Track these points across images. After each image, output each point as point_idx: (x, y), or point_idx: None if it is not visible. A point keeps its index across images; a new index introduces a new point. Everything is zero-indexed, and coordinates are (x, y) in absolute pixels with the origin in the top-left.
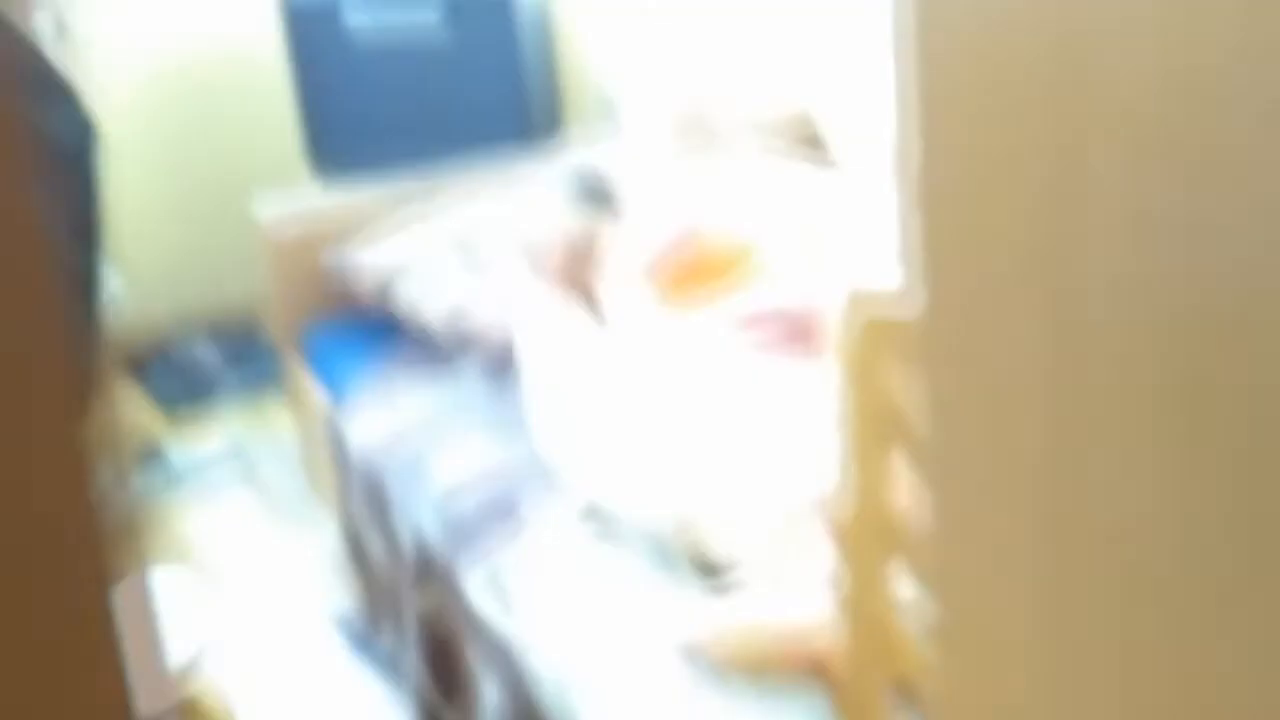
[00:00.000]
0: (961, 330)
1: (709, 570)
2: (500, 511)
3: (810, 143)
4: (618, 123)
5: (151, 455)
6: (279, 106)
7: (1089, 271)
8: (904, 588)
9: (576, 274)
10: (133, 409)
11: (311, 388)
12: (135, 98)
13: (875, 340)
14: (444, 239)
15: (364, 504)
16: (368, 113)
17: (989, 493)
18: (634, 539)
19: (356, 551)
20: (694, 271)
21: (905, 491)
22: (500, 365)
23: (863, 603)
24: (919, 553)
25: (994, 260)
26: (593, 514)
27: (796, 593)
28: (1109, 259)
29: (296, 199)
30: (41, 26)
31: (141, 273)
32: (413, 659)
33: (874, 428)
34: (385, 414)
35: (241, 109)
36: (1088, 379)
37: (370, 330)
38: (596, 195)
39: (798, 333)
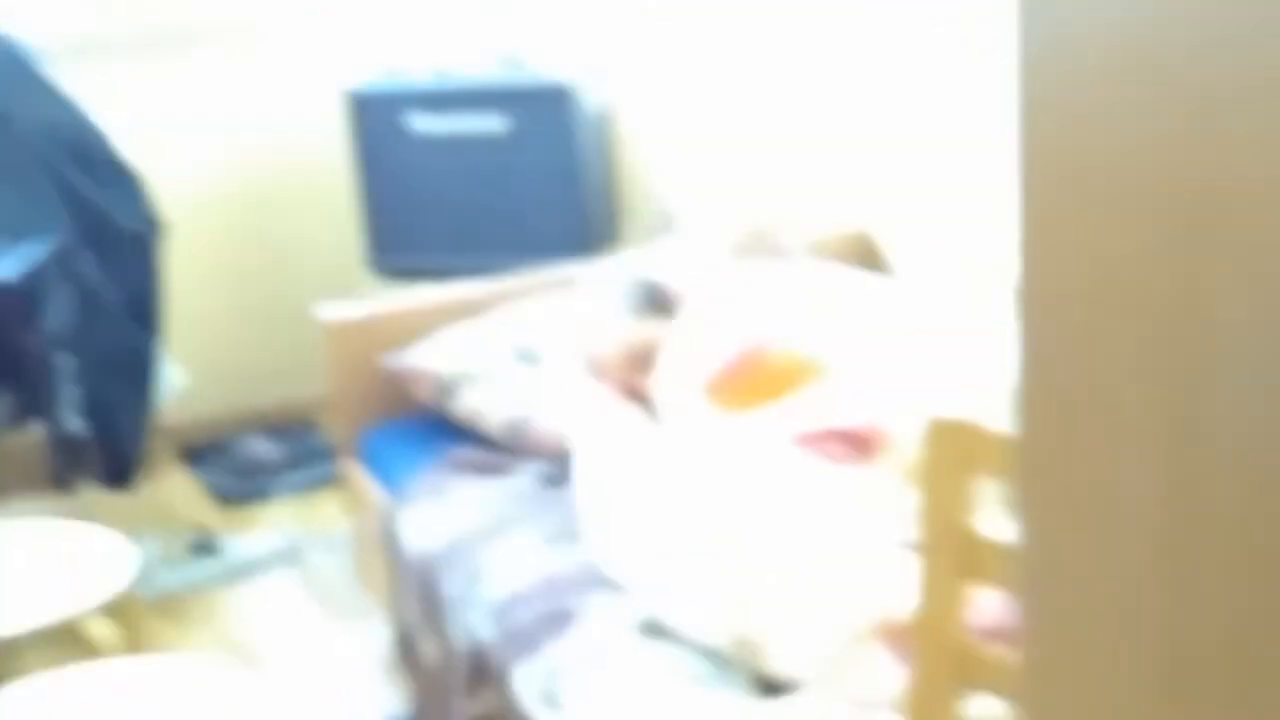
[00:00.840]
0: (1065, 450)
1: (767, 688)
2: (556, 620)
3: (868, 262)
4: (676, 234)
5: (205, 545)
6: (342, 210)
7: (1215, 404)
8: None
9: (635, 382)
10: (188, 498)
11: (367, 486)
12: (201, 196)
13: (959, 467)
14: (502, 344)
15: (418, 605)
16: (429, 217)
17: (1090, 619)
18: (690, 651)
19: (407, 651)
20: (756, 387)
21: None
22: (557, 473)
23: None
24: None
25: (1107, 383)
26: (649, 626)
27: (858, 712)
28: (1237, 394)
29: (357, 301)
30: (110, 121)
31: (202, 367)
32: None
33: (955, 555)
34: (442, 516)
35: (305, 212)
36: (1205, 509)
37: (427, 432)
38: (655, 304)
39: (859, 451)
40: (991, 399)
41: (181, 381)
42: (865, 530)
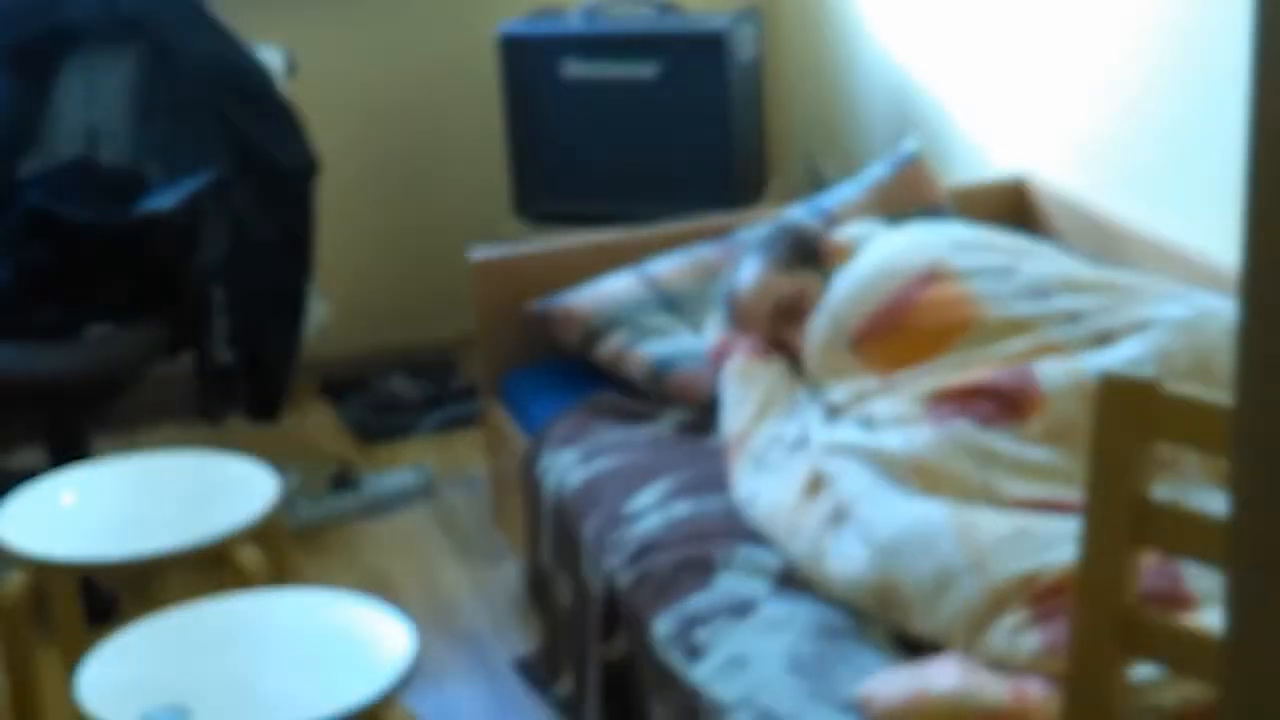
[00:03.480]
0: None
1: (907, 645)
2: (695, 568)
3: (1024, 214)
4: (825, 187)
5: (345, 480)
6: (492, 153)
7: None
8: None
9: (782, 335)
10: (330, 433)
11: (507, 427)
12: (355, 137)
13: (1133, 429)
14: (648, 291)
15: (553, 546)
16: (577, 163)
17: None
18: (830, 605)
19: (541, 592)
20: (903, 342)
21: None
22: (699, 421)
23: (1094, 695)
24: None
25: None
26: (789, 577)
27: (998, 673)
28: None
29: (504, 244)
30: (272, 62)
31: (348, 304)
32: (594, 708)
33: (1124, 520)
34: (581, 459)
35: (455, 154)
36: None
37: (569, 376)
38: (803, 256)
39: (1008, 409)
40: (1161, 360)
41: (327, 318)
42: (1009, 489)
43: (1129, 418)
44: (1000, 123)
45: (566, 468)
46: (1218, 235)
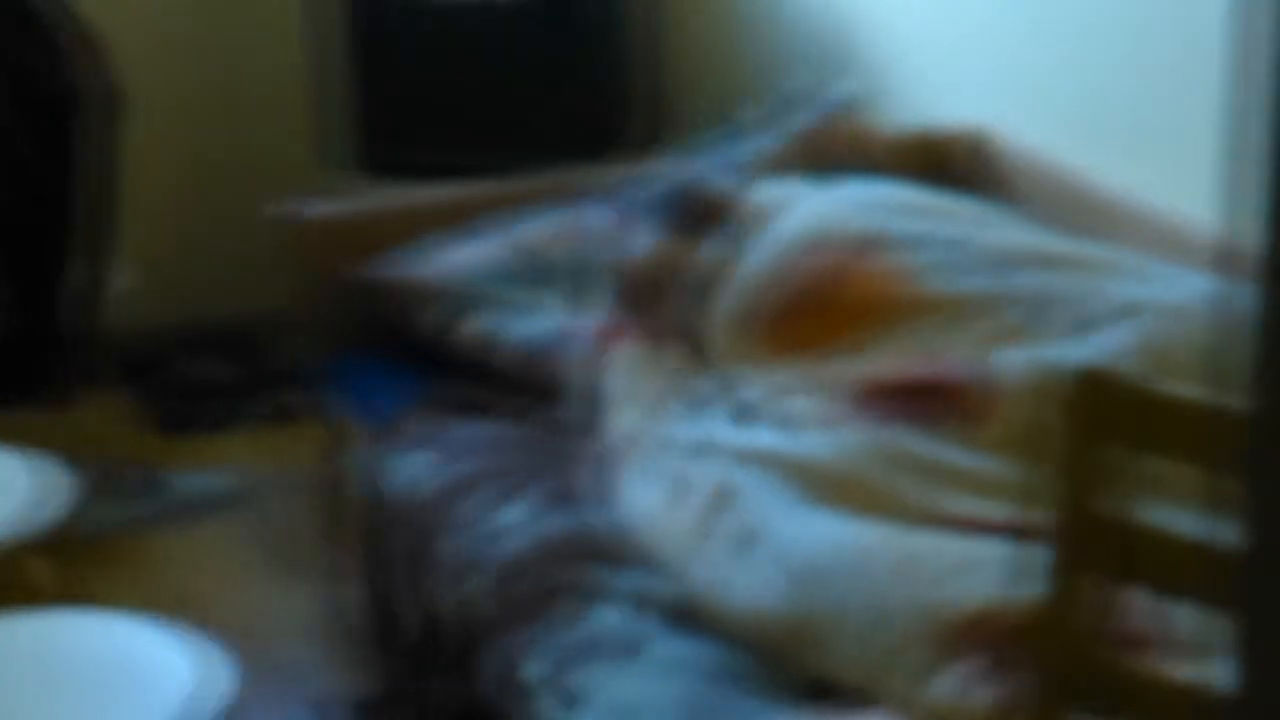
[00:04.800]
0: None
1: (817, 690)
2: (571, 596)
3: (980, 174)
4: (732, 136)
5: (145, 480)
6: (328, 90)
7: None
8: None
9: (681, 314)
10: (127, 424)
11: (342, 421)
12: (159, 68)
13: (1104, 433)
14: (517, 260)
15: (398, 566)
16: (430, 103)
17: None
18: (731, 644)
19: (381, 624)
20: (828, 323)
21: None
22: (581, 418)
23: None
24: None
25: None
26: (683, 609)
27: None
28: None
29: (339, 199)
30: None
31: (150, 268)
32: None
33: (1091, 544)
34: (436, 463)
35: (283, 92)
36: None
37: (419, 359)
38: (703, 218)
39: (957, 409)
40: (1149, 353)
41: (124, 284)
42: (957, 508)
43: (1108, 423)
44: (953, 63)
45: (416, 472)
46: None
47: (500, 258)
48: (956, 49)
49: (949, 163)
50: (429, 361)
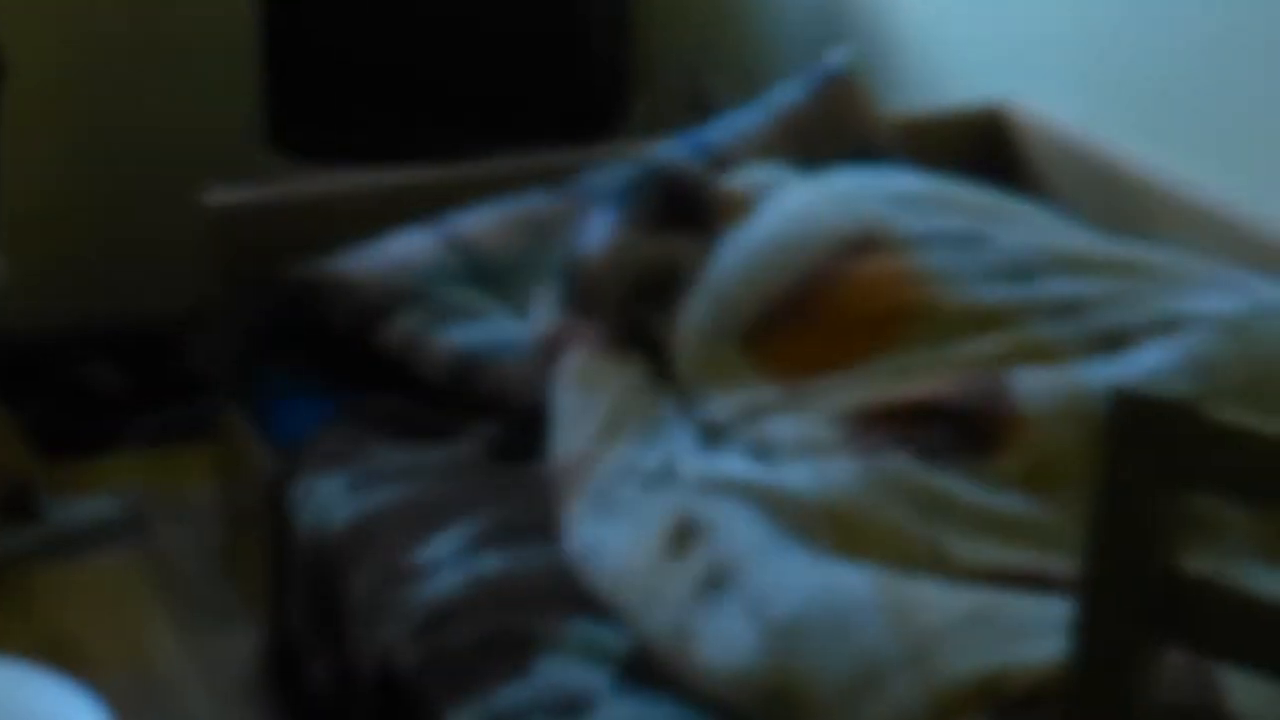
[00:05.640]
0: None
1: None
2: (507, 647)
3: (999, 158)
4: (713, 117)
5: (20, 506)
6: (239, 58)
7: None
8: None
9: (643, 321)
10: (1, 441)
11: (249, 439)
12: (40, 32)
13: (1157, 468)
14: (454, 257)
15: (307, 608)
16: (359, 72)
17: None
18: (696, 709)
19: (287, 673)
20: (822, 338)
21: None
22: (521, 440)
23: None
24: None
25: None
26: (642, 662)
27: None
28: None
29: (251, 186)
30: None
31: (35, 266)
32: None
33: (1142, 603)
34: (353, 491)
35: (185, 62)
36: None
37: (342, 370)
38: (679, 209)
39: (970, 437)
40: (1200, 373)
41: (1, 280)
42: (966, 553)
43: (1151, 455)
44: (967, 29)
45: (329, 500)
46: None
47: (434, 253)
48: (970, 10)
49: (962, 145)
50: (348, 372)
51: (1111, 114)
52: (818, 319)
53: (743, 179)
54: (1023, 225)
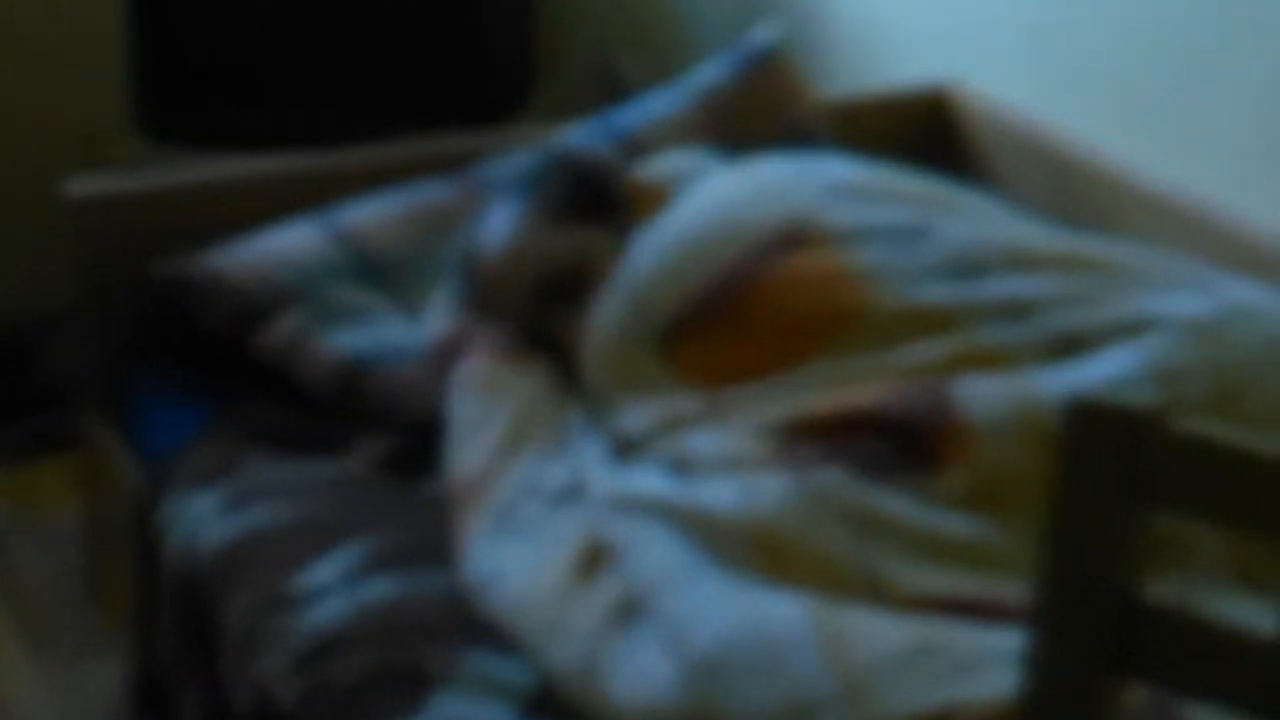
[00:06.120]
0: None
1: None
2: (400, 681)
3: (943, 144)
4: (626, 101)
5: None
6: (104, 34)
7: None
8: None
9: (549, 323)
10: None
11: (116, 455)
12: None
13: (1121, 485)
14: (340, 252)
15: (179, 639)
16: (236, 53)
17: None
18: None
19: (155, 707)
20: (748, 341)
21: None
22: (413, 454)
23: None
24: None
25: None
26: (548, 698)
27: None
28: None
29: (116, 175)
30: None
31: None
32: None
33: (1102, 633)
34: (228, 510)
35: (43, 36)
36: None
37: (218, 378)
38: (589, 200)
39: (911, 452)
40: (1165, 381)
41: None
42: (907, 579)
43: (1111, 470)
44: (908, 4)
45: (203, 518)
46: (1258, 184)
47: (319, 249)
48: None
49: (902, 130)
50: (225, 379)
51: (1065, 96)
52: (743, 321)
53: (660, 167)
54: (969, 218)
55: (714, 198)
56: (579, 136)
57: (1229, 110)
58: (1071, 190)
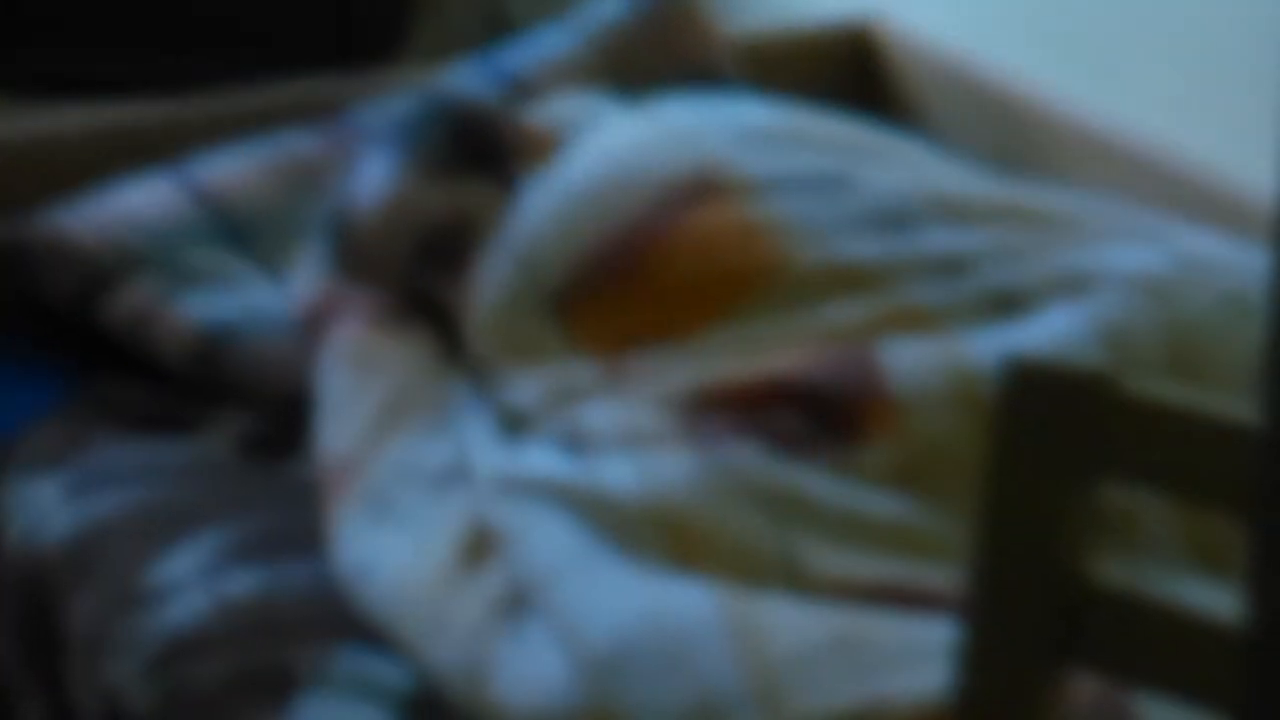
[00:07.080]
0: None
1: None
2: (265, 683)
3: (867, 84)
4: (513, 39)
5: None
6: None
7: None
8: None
9: (429, 286)
10: None
11: None
12: None
13: (1065, 455)
14: (196, 210)
15: (19, 640)
16: None
17: None
18: None
19: None
20: (650, 304)
21: None
22: (280, 431)
23: None
24: None
25: None
26: (428, 701)
27: None
28: None
29: None
30: None
31: None
32: None
33: (1044, 619)
34: (72, 498)
35: None
36: None
37: (61, 352)
38: (472, 151)
39: (831, 424)
40: (1112, 341)
41: None
42: (828, 564)
43: (1053, 439)
44: None
45: (44, 507)
46: (1216, 124)
47: (172, 206)
48: None
49: (821, 70)
50: (69, 352)
51: (1000, 30)
52: (644, 281)
53: (550, 112)
54: (895, 165)
55: (611, 146)
56: (461, 79)
57: (1182, 41)
58: (1008, 133)
